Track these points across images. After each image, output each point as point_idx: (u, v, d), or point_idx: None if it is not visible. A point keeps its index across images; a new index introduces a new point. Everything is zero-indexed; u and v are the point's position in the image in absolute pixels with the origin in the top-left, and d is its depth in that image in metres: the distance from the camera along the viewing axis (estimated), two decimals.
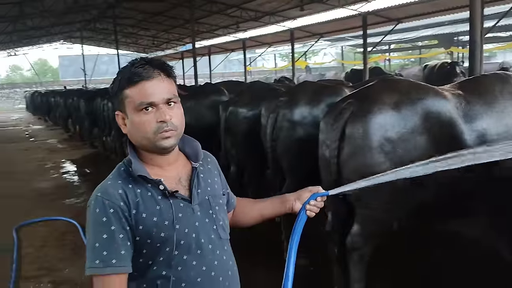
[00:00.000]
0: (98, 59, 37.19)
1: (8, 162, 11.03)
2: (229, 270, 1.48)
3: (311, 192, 1.59)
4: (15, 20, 18.50)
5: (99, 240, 1.29)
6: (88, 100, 12.02)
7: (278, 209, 1.64)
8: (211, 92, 5.96)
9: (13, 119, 27.08)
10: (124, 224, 1.32)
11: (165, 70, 1.39)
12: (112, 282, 1.30)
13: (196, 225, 1.41)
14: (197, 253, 1.39)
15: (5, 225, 5.86)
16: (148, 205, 1.35)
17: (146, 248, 1.35)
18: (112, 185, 1.36)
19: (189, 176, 1.46)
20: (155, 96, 1.34)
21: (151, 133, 1.35)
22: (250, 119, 4.74)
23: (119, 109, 1.41)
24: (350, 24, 17.89)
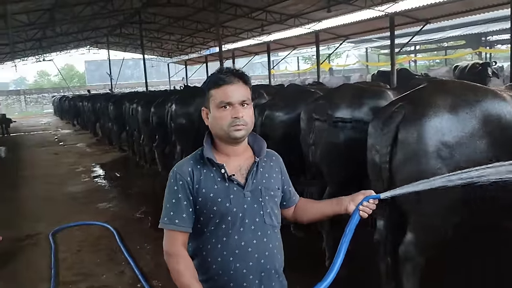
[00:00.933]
0: (123, 64, 37.71)
1: (40, 166, 11.22)
2: (267, 251, 1.75)
3: (364, 195, 1.79)
4: (45, 27, 18.83)
5: (169, 203, 1.72)
6: (116, 104, 12.12)
7: (334, 209, 1.86)
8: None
9: (42, 123, 27.64)
10: (188, 194, 1.71)
11: (243, 78, 1.75)
12: (175, 236, 1.71)
13: (244, 207, 1.72)
14: (240, 230, 1.71)
15: (42, 227, 5.93)
16: (208, 183, 1.70)
17: (202, 216, 1.71)
18: (186, 163, 1.76)
19: (249, 167, 1.77)
20: (232, 98, 1.70)
21: (226, 126, 1.70)
22: (287, 123, 4.64)
23: (205, 106, 1.78)
24: (377, 25, 17.59)
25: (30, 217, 6.61)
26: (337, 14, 18.26)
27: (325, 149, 3.92)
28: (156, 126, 9.14)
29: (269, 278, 1.76)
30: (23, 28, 17.28)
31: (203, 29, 23.00)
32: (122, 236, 5.41)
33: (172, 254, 1.71)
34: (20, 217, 6.63)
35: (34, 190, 8.37)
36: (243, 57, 29.93)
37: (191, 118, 6.68)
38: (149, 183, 8.64)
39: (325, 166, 3.99)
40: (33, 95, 45.23)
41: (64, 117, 27.98)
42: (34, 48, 25.97)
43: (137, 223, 6.01)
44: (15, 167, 11.22)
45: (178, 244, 1.71)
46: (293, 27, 20.79)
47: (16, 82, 70.00)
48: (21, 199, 7.78)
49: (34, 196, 7.87)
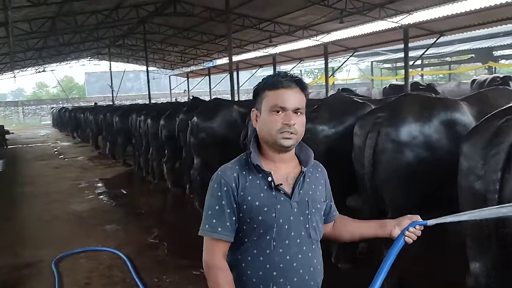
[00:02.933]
0: (123, 76, 37.24)
1: (40, 181, 10.53)
2: (311, 267, 1.66)
3: (410, 220, 1.70)
4: (47, 36, 18.31)
5: (212, 209, 1.61)
6: (123, 116, 11.51)
7: (376, 232, 1.76)
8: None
9: (41, 135, 26.95)
10: (232, 201, 1.60)
11: (301, 85, 1.66)
12: (216, 246, 1.59)
13: (291, 219, 1.61)
14: (285, 243, 1.60)
15: (44, 253, 5.27)
16: (254, 191, 1.60)
17: (245, 225, 1.60)
18: (231, 168, 1.65)
19: (296, 176, 1.67)
20: (287, 103, 1.61)
21: (275, 131, 1.60)
22: (333, 138, 4.03)
23: (256, 107, 1.68)
24: (389, 37, 17.13)
25: (31, 240, 5.93)
26: (348, 25, 17.79)
27: (389, 170, 3.30)
28: (165, 140, 8.55)
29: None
30: (24, 36, 16.74)
31: (208, 40, 22.53)
32: (136, 266, 4.75)
33: (212, 266, 1.61)
34: (19, 240, 5.93)
35: (34, 209, 7.68)
36: (246, 69, 29.51)
37: (214, 132, 6.08)
38: (158, 201, 8.00)
39: (389, 189, 3.36)
40: (31, 107, 44.63)
41: (64, 129, 27.32)
42: (34, 58, 25.49)
43: (150, 249, 5.35)
44: (14, 182, 10.54)
45: (219, 255, 1.62)
46: (301, 38, 20.37)
47: (14, 94, 69.55)
48: (20, 219, 7.10)
49: (35, 216, 7.18)
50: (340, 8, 15.53)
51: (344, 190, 4.16)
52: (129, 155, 12.06)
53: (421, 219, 1.70)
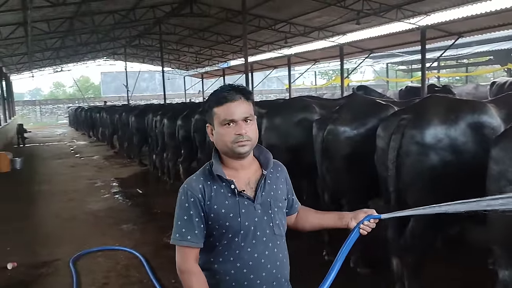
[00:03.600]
0: (139, 76, 37.53)
1: (57, 180, 10.64)
2: (278, 261, 1.78)
3: (366, 214, 1.82)
4: (65, 36, 18.49)
5: (181, 219, 1.73)
6: (139, 116, 11.55)
7: (335, 223, 1.91)
8: (300, 108, 5.19)
9: (57, 134, 27.25)
10: (199, 211, 1.71)
11: (245, 94, 1.75)
12: (187, 253, 1.72)
13: (255, 220, 1.73)
14: (252, 242, 1.72)
15: (62, 251, 5.30)
16: (219, 199, 1.72)
17: (215, 231, 1.72)
18: (196, 180, 1.76)
19: (257, 180, 1.78)
20: (235, 115, 1.70)
21: (229, 142, 1.71)
22: (355, 140, 3.96)
23: (209, 123, 1.79)
24: (406, 38, 16.92)
25: (48, 238, 5.98)
26: (365, 26, 17.63)
27: (414, 173, 3.22)
28: (182, 140, 8.55)
29: (279, 287, 1.80)
30: (42, 36, 16.93)
31: (223, 41, 22.55)
32: (152, 266, 4.73)
33: (185, 270, 1.73)
34: (37, 239, 5.99)
35: (52, 207, 7.75)
36: (260, 70, 29.46)
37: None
38: (174, 201, 7.78)
39: (412, 193, 3.29)
40: (48, 106, 45.16)
41: (80, 128, 27.58)
42: (51, 58, 25.76)
43: (167, 249, 5.30)
44: (32, 180, 10.66)
45: (190, 260, 1.73)
46: (316, 39, 20.22)
47: (31, 93, 70.56)
48: (38, 217, 7.17)
49: (53, 215, 7.25)
50: (357, 9, 15.39)
51: (366, 193, 4.10)
52: (144, 155, 12.12)
53: (376, 213, 1.83)
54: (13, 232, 6.27)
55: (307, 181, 6.87)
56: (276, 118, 5.20)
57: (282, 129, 5.12)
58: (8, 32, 14.81)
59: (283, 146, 5.10)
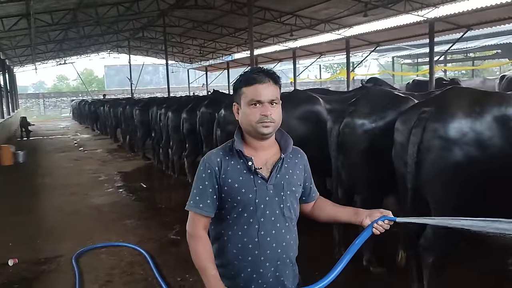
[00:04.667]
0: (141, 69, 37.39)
1: (60, 173, 10.50)
2: (284, 242, 1.84)
3: (381, 214, 1.85)
4: (68, 28, 18.31)
5: (196, 188, 1.83)
6: (143, 109, 11.38)
7: (350, 218, 1.93)
8: (303, 100, 5.01)
9: (61, 127, 27.14)
10: (214, 183, 1.81)
11: (273, 78, 1.82)
12: (198, 219, 1.83)
13: (266, 199, 1.80)
14: (261, 220, 1.80)
15: (64, 247, 5.15)
16: (234, 174, 1.80)
17: (227, 204, 1.82)
18: (215, 153, 1.86)
19: (274, 162, 1.85)
20: (262, 96, 1.79)
21: (254, 122, 1.78)
22: (372, 134, 3.78)
23: (236, 102, 1.87)
24: (413, 31, 16.66)
25: (51, 234, 5.84)
26: (372, 19, 17.35)
27: (436, 169, 3.04)
28: (187, 133, 8.39)
29: (284, 266, 1.85)
30: (45, 28, 16.75)
31: (227, 33, 22.31)
32: (157, 263, 4.58)
33: (194, 235, 1.82)
34: (39, 233, 5.83)
35: (54, 201, 7.61)
36: (265, 64, 29.22)
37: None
38: (179, 196, 7.81)
39: (433, 190, 3.10)
40: (51, 99, 45.04)
41: (83, 122, 27.46)
42: (55, 51, 25.62)
43: (172, 246, 5.18)
44: (34, 173, 10.52)
45: (200, 227, 1.81)
46: (322, 32, 19.94)
47: (35, 86, 70.46)
48: (41, 211, 7.02)
49: (55, 209, 7.10)
50: (365, 1, 15.13)
51: (382, 189, 3.92)
52: (147, 148, 11.97)
53: (392, 214, 1.84)
54: (15, 227, 6.13)
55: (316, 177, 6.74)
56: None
57: (285, 123, 4.91)
58: (10, 24, 14.62)
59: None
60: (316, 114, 4.89)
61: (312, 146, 4.74)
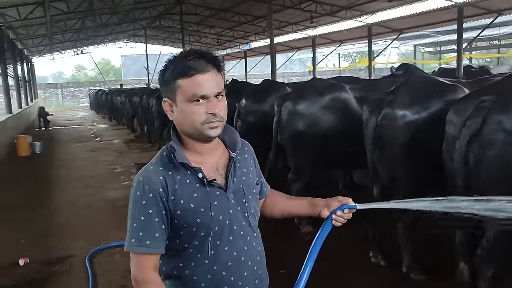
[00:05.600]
0: (159, 59, 37.14)
1: (76, 164, 10.27)
2: (258, 255, 1.55)
3: (340, 202, 1.59)
4: (84, 17, 18.07)
5: (137, 221, 1.39)
6: (160, 99, 10.99)
7: (306, 211, 1.68)
8: (328, 88, 4.60)
9: (78, 117, 27.12)
10: (161, 209, 1.39)
11: (216, 64, 1.43)
12: (145, 260, 1.40)
13: (230, 212, 1.47)
14: (229, 239, 1.46)
15: (77, 245, 4.86)
16: (186, 192, 1.41)
17: (183, 231, 1.43)
18: (154, 171, 1.43)
19: (226, 164, 1.51)
20: (207, 90, 1.39)
21: (199, 123, 1.40)
22: (414, 125, 3.34)
23: (167, 97, 1.46)
24: (440, 17, 16.01)
25: (63, 230, 5.56)
26: (396, 5, 16.66)
27: (498, 167, 2.60)
28: None
29: (261, 283, 1.58)
30: (61, 17, 16.53)
31: (245, 21, 21.82)
32: None
33: (142, 281, 1.41)
34: (52, 230, 5.56)
35: (68, 195, 7.34)
36: (282, 52, 28.65)
37: (265, 116, 5.50)
38: None
39: (495, 191, 2.66)
40: (70, 89, 45.33)
41: (100, 112, 27.41)
42: (72, 40, 25.50)
43: None
44: (50, 165, 10.31)
45: (149, 269, 1.42)
46: (343, 19, 19.31)
47: (54, 76, 71.10)
48: (54, 205, 6.75)
49: (69, 202, 6.83)
50: None
51: (424, 187, 3.50)
52: (164, 139, 11.69)
53: (352, 202, 1.59)
54: (27, 222, 5.88)
55: (342, 171, 6.32)
56: (302, 100, 4.61)
57: (310, 113, 4.54)
58: (26, 12, 14.42)
59: (312, 133, 4.54)
60: (344, 102, 4.48)
61: (338, 137, 4.41)
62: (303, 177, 4.68)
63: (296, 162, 4.75)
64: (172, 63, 1.43)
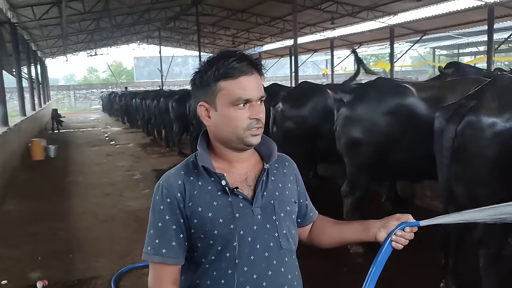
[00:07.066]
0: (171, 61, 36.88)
1: (92, 170, 9.83)
2: (285, 284, 1.34)
3: (398, 221, 1.37)
4: (99, 17, 17.73)
5: (154, 227, 1.30)
6: (180, 102, 10.61)
7: (360, 236, 1.46)
8: (389, 92, 4.09)
9: (91, 120, 26.86)
10: (178, 216, 1.29)
11: (258, 68, 1.33)
12: (162, 271, 1.29)
13: (254, 228, 1.30)
14: (250, 259, 1.29)
15: (101, 264, 4.37)
16: (205, 199, 1.29)
17: (199, 242, 1.30)
18: (174, 175, 1.34)
19: (257, 176, 1.37)
20: (252, 93, 1.29)
21: (241, 129, 1.29)
22: (507, 135, 2.81)
23: (205, 100, 1.32)
24: (468, 18, 15.43)
25: (85, 246, 5.07)
26: (420, 5, 16.07)
27: None
28: None
29: None
30: (77, 17, 16.19)
31: (262, 22, 21.37)
32: None
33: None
34: (72, 246, 5.07)
35: (87, 204, 6.87)
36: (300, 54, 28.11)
37: (304, 122, 5.02)
38: None
39: None
40: (82, 91, 45.22)
41: (113, 114, 27.10)
42: (86, 42, 25.25)
43: None
44: (65, 170, 9.89)
45: (167, 283, 1.28)
46: (364, 20, 18.75)
47: (66, 78, 71.28)
48: (72, 216, 6.28)
49: (89, 214, 6.35)
50: None
51: None
52: (183, 143, 11.28)
53: (413, 218, 1.37)
54: (44, 236, 5.41)
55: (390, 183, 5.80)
56: (361, 105, 4.11)
57: (369, 119, 4.05)
58: (41, 12, 14.07)
59: (370, 140, 4.05)
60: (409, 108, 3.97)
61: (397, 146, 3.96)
62: (357, 190, 4.17)
63: (352, 173, 4.24)
64: (212, 63, 1.30)
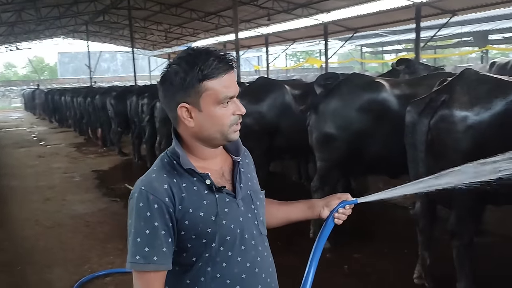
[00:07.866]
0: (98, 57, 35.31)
1: (27, 173, 9.12)
2: (270, 267, 1.46)
3: (339, 199, 1.54)
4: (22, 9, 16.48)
5: (141, 235, 1.25)
6: (119, 99, 10.13)
7: (305, 214, 1.60)
8: (363, 87, 4.15)
9: (13, 119, 25.02)
10: (167, 221, 1.27)
11: (234, 63, 1.33)
12: (153, 279, 1.27)
13: (241, 220, 1.37)
14: (241, 249, 1.35)
15: (56, 276, 4.05)
16: (194, 200, 1.30)
17: (191, 243, 1.30)
18: (157, 179, 1.29)
19: (231, 170, 1.42)
20: (235, 90, 1.32)
21: (226, 126, 1.32)
22: (479, 129, 2.95)
23: (186, 101, 1.29)
24: (397, 16, 16.23)
25: (32, 256, 4.66)
26: (351, 3, 16.67)
27: None
28: None
29: None
30: None
31: (197, 18, 21.04)
32: None
33: None
34: (17, 256, 4.64)
35: (28, 211, 6.34)
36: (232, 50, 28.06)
37: (262, 119, 4.97)
38: None
39: None
40: None
41: (37, 112, 25.40)
42: (5, 35, 23.38)
43: None
44: None
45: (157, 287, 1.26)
46: (299, 17, 19.10)
47: None
48: (13, 224, 5.78)
49: (31, 221, 5.84)
50: None
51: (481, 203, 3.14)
52: (123, 142, 10.83)
53: (351, 197, 1.55)
54: None
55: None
56: (334, 100, 4.15)
57: (343, 115, 4.09)
58: None
59: (343, 136, 4.10)
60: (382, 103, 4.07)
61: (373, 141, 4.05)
62: (327, 185, 4.20)
63: (323, 168, 4.26)
64: (193, 64, 1.26)
